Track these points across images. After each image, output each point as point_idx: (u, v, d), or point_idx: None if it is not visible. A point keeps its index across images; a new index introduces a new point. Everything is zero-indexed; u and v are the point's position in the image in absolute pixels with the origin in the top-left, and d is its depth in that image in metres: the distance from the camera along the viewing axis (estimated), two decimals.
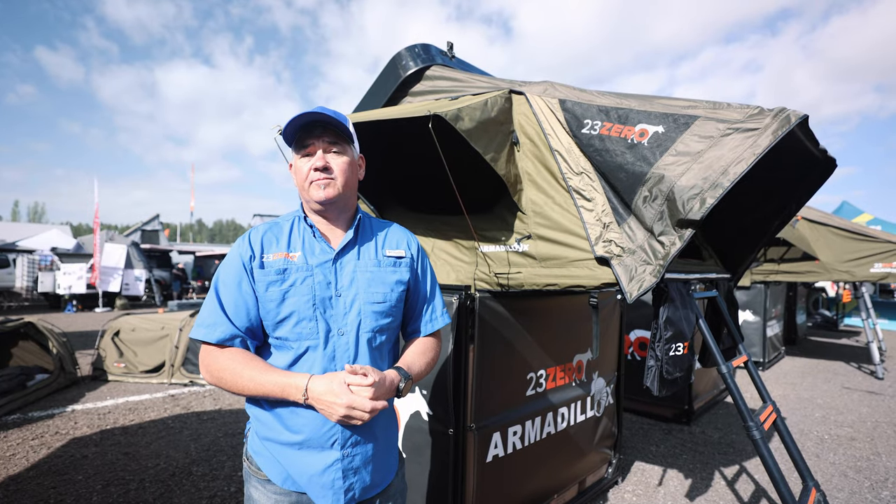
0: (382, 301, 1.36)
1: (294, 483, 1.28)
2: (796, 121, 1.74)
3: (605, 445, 3.46)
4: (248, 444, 1.38)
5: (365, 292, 1.34)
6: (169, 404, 5.32)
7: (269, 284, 1.28)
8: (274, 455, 1.29)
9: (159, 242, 21.03)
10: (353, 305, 1.32)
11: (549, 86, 2.31)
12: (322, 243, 1.35)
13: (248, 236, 1.35)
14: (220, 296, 1.29)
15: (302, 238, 1.36)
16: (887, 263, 6.91)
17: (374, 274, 1.37)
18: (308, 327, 1.27)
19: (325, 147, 1.33)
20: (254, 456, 1.34)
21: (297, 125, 1.31)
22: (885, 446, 4.58)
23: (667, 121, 1.93)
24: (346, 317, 1.31)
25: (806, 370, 7.94)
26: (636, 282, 1.89)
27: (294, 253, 1.32)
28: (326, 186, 1.31)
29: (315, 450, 1.27)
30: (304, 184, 1.33)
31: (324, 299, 1.30)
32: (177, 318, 6.52)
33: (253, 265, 1.30)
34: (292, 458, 1.28)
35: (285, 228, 1.37)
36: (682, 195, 1.80)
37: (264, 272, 1.29)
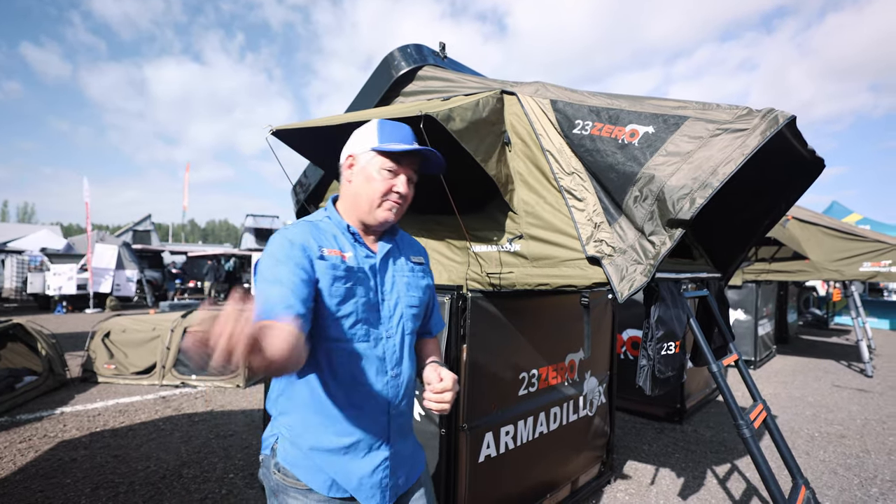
0: (418, 305, 1.41)
1: (340, 489, 1.26)
2: (784, 121, 1.75)
3: (598, 445, 3.47)
4: (278, 458, 1.29)
5: (405, 296, 1.38)
6: (160, 406, 5.28)
7: (335, 279, 1.24)
8: (318, 463, 1.26)
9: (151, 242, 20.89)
10: (395, 309, 1.35)
11: (540, 86, 2.32)
12: (366, 249, 1.36)
13: (293, 231, 1.28)
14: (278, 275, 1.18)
15: (347, 241, 1.34)
16: (876, 262, 6.99)
17: (409, 279, 1.41)
18: (363, 329, 1.28)
19: (410, 174, 1.35)
20: (290, 467, 1.27)
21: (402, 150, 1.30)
22: (874, 444, 4.63)
23: (657, 121, 1.94)
24: (391, 320, 1.34)
25: (797, 368, 8.01)
26: (627, 281, 1.89)
27: (346, 253, 1.30)
28: (396, 212, 1.34)
29: (364, 451, 1.28)
30: (377, 198, 1.31)
31: (375, 302, 1.32)
32: (168, 319, 6.47)
33: (313, 255, 1.24)
34: (340, 463, 1.26)
35: (326, 230, 1.34)
36: (672, 195, 1.80)
37: (327, 265, 1.25)
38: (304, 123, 2.40)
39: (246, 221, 21.22)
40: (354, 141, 1.37)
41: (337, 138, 2.50)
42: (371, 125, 1.36)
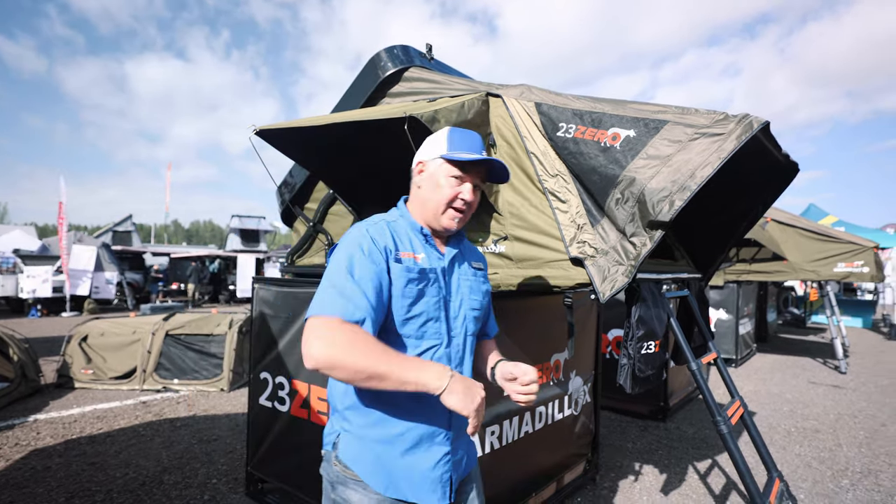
0: (479, 308, 1.46)
1: (398, 490, 1.28)
2: (758, 127, 1.81)
3: (583, 443, 3.51)
4: (339, 452, 1.32)
5: (468, 299, 1.42)
6: (140, 411, 5.18)
7: (409, 281, 1.29)
8: (379, 459, 1.28)
9: (132, 244, 20.51)
10: (460, 310, 1.40)
11: (525, 89, 2.34)
12: (436, 251, 1.40)
13: (374, 229, 1.32)
14: (360, 274, 1.22)
15: (420, 243, 1.38)
16: (849, 263, 7.20)
17: (472, 283, 1.46)
18: (434, 328, 1.33)
19: (476, 182, 1.38)
20: (350, 463, 1.30)
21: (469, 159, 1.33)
22: (846, 437, 4.77)
23: (638, 125, 1.98)
24: (457, 321, 1.38)
25: (776, 366, 8.19)
26: (609, 282, 1.93)
27: (419, 255, 1.35)
28: (460, 220, 1.38)
29: (427, 445, 1.30)
30: (443, 205, 1.35)
31: (445, 303, 1.36)
32: (149, 321, 6.37)
33: (390, 257, 1.29)
34: (402, 458, 1.28)
35: (401, 231, 1.38)
36: (652, 197, 1.84)
37: (403, 268, 1.29)
38: (289, 123, 2.39)
39: (231, 222, 20.94)
40: (425, 148, 1.42)
41: (322, 139, 2.51)
42: (442, 133, 1.40)
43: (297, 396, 2.92)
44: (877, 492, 3.62)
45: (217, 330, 6.20)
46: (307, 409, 2.84)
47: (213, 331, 6.20)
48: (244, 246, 20.15)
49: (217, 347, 6.18)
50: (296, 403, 2.93)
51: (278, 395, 3.06)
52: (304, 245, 3.36)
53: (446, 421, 1.32)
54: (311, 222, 3.23)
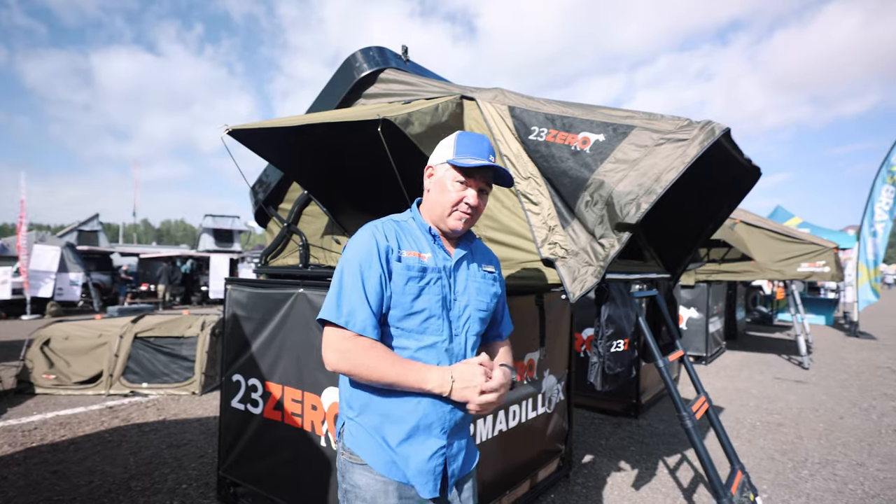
0: (486, 310, 1.51)
1: (399, 472, 1.35)
2: (720, 133, 1.88)
3: (557, 441, 3.57)
4: (345, 440, 1.41)
5: (475, 300, 1.47)
6: (106, 417, 5.04)
7: (410, 279, 1.36)
8: (380, 446, 1.35)
9: (99, 244, 19.89)
10: (465, 310, 1.45)
11: (499, 93, 2.38)
12: (443, 251, 1.46)
13: (381, 228, 1.41)
14: (363, 282, 1.33)
15: (427, 243, 1.45)
16: (812, 263, 7.48)
17: (480, 285, 1.51)
18: (436, 324, 1.39)
19: (481, 186, 1.45)
20: (355, 448, 1.37)
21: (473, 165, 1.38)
22: (807, 430, 4.97)
23: (607, 130, 2.03)
24: (461, 319, 1.44)
25: (743, 363, 8.46)
26: (579, 282, 1.97)
27: (425, 254, 1.41)
28: (466, 222, 1.44)
29: (423, 437, 1.35)
30: (448, 207, 1.41)
31: (449, 300, 1.42)
32: (117, 324, 6.18)
33: (391, 258, 1.37)
34: (400, 447, 1.34)
35: (410, 230, 1.46)
36: (619, 200, 1.89)
37: (404, 267, 1.36)
38: (263, 124, 2.37)
39: (204, 222, 20.48)
40: (436, 152, 1.49)
41: (296, 139, 2.49)
42: (451, 138, 1.46)
43: (271, 398, 2.89)
44: (833, 481, 3.78)
45: (188, 332, 6.07)
46: (280, 411, 2.82)
47: (185, 333, 6.07)
48: (217, 246, 19.75)
49: (188, 350, 6.05)
50: (269, 405, 2.90)
51: (251, 397, 3.03)
52: (278, 246, 3.33)
53: (444, 417, 1.37)
54: (286, 223, 3.20)
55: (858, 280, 11.62)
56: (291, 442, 2.75)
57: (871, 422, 5.27)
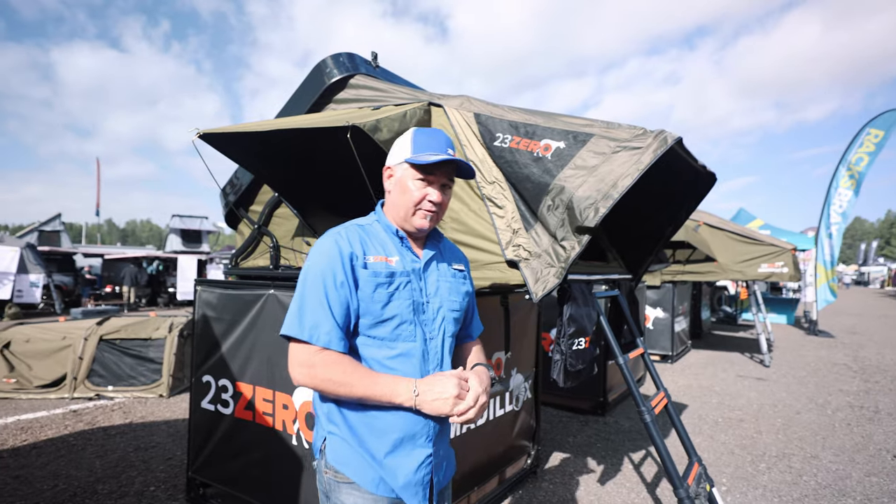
0: (459, 309, 1.47)
1: (387, 488, 1.30)
2: (672, 141, 1.99)
3: (524, 438, 3.66)
4: (327, 457, 1.34)
5: (447, 300, 1.43)
6: (70, 420, 4.92)
7: (378, 286, 1.30)
8: (366, 460, 1.30)
9: (61, 244, 19.25)
10: (438, 312, 1.40)
11: (465, 100, 2.45)
12: (411, 253, 1.42)
13: (344, 234, 1.35)
14: (326, 292, 1.27)
15: (393, 245, 1.40)
16: (771, 264, 7.80)
17: (451, 284, 1.47)
18: (408, 330, 1.34)
19: (444, 182, 1.39)
20: (339, 466, 1.31)
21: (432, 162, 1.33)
22: (766, 425, 5.18)
23: (567, 137, 2.12)
24: (434, 322, 1.39)
25: (708, 361, 8.74)
26: (541, 283, 2.06)
27: (392, 258, 1.36)
28: (431, 220, 1.39)
29: (409, 448, 1.31)
30: (411, 207, 1.36)
31: (420, 304, 1.37)
32: (81, 326, 6.04)
33: (356, 265, 1.30)
34: (386, 461, 1.30)
35: (375, 234, 1.40)
36: (579, 205, 1.98)
37: (370, 273, 1.31)
38: (234, 128, 2.39)
39: (172, 222, 20.02)
40: (392, 152, 1.43)
41: (266, 143, 2.52)
42: (407, 136, 1.40)
43: (242, 398, 2.90)
44: (788, 473, 3.97)
45: (156, 334, 5.97)
46: (252, 411, 2.83)
47: (152, 335, 5.97)
48: (185, 247, 19.35)
49: (156, 352, 5.96)
50: (240, 405, 2.91)
51: (221, 398, 3.03)
52: (249, 247, 3.33)
53: (427, 425, 1.33)
54: (256, 224, 3.21)
55: (817, 280, 12.12)
56: (263, 441, 2.77)
57: (826, 416, 5.51)
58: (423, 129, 1.43)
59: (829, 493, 3.61)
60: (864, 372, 7.85)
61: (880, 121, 11.46)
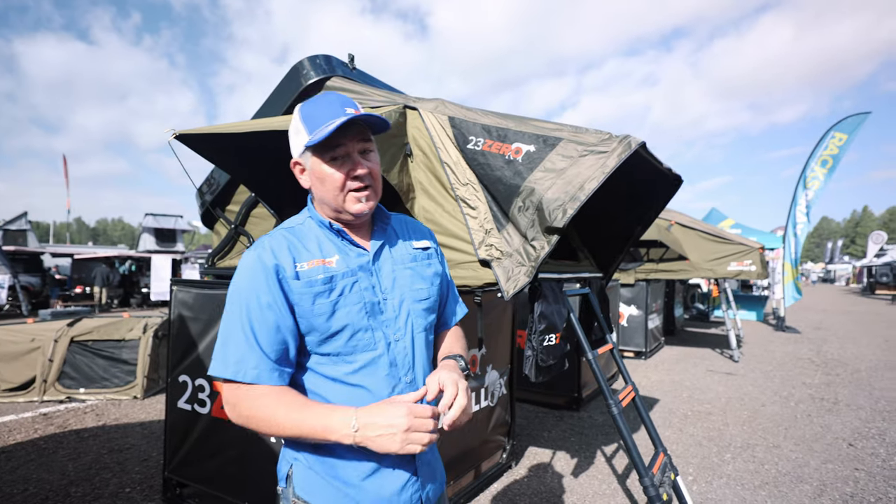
0: (427, 297, 1.27)
1: None
2: (636, 146, 2.08)
3: (500, 433, 3.75)
4: (295, 488, 1.16)
5: (409, 291, 1.23)
6: (41, 424, 4.83)
7: (316, 296, 1.10)
8: (340, 491, 1.13)
9: (27, 244, 18.69)
10: (401, 307, 1.21)
11: (440, 103, 2.51)
12: (355, 247, 1.21)
13: (267, 245, 1.14)
14: (250, 320, 1.07)
15: (331, 242, 1.19)
16: (740, 262, 8.06)
17: (413, 270, 1.26)
18: (365, 338, 1.15)
19: (361, 147, 1.15)
20: (310, 498, 1.14)
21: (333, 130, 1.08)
22: (733, 418, 5.38)
23: (538, 141, 2.20)
24: (398, 320, 1.20)
25: (680, 357, 8.98)
26: (512, 281, 2.13)
27: (330, 258, 1.16)
28: (368, 198, 1.17)
29: (390, 469, 1.14)
30: (338, 193, 1.14)
31: (374, 305, 1.17)
32: (51, 328, 5.91)
33: (285, 276, 1.10)
34: (365, 487, 1.13)
35: (307, 233, 1.20)
36: (548, 206, 2.06)
37: (304, 284, 1.11)
38: (210, 129, 2.41)
39: (145, 221, 19.64)
40: (291, 144, 1.19)
41: (241, 144, 2.54)
42: (296, 119, 1.16)
43: (219, 398, 2.92)
44: (752, 462, 4.14)
45: (130, 335, 5.89)
46: None
47: (126, 336, 5.89)
48: (159, 246, 19.01)
49: (130, 353, 5.88)
50: (217, 405, 2.93)
51: (198, 397, 3.03)
52: (226, 247, 3.34)
53: None
54: (233, 224, 3.22)
55: (784, 278, 12.53)
56: (239, 440, 2.79)
57: (789, 408, 5.74)
58: (309, 100, 1.19)
59: (788, 480, 3.78)
60: (826, 365, 8.18)
61: (845, 125, 11.88)
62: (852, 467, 4.02)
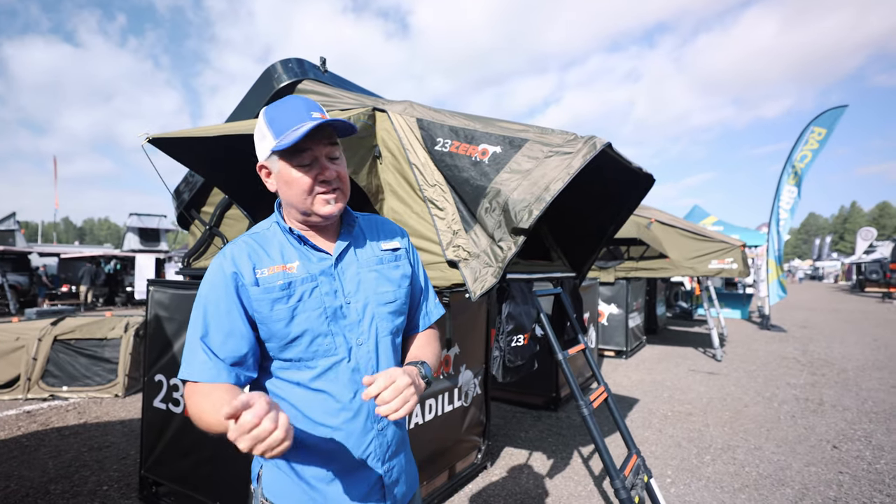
0: (393, 300, 1.26)
1: None
2: (601, 146, 2.12)
3: (474, 433, 3.78)
4: (263, 489, 1.19)
5: (374, 294, 1.23)
6: (24, 422, 4.83)
7: (275, 302, 1.12)
8: (307, 494, 1.15)
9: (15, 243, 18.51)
10: (365, 311, 1.21)
11: (408, 105, 2.54)
12: (316, 251, 1.21)
13: (228, 254, 1.15)
14: (207, 328, 1.10)
15: (293, 247, 1.20)
16: (721, 260, 8.08)
17: (378, 273, 1.26)
18: (325, 343, 1.15)
19: (328, 151, 1.16)
20: (276, 499, 1.17)
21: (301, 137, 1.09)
22: (714, 419, 5.37)
23: (504, 142, 2.23)
24: (361, 324, 1.20)
25: (661, 356, 8.98)
26: (479, 282, 2.16)
27: (291, 264, 1.16)
28: (336, 199, 1.17)
29: (355, 474, 1.17)
30: (306, 198, 1.15)
31: (335, 310, 1.17)
32: (35, 327, 5.90)
33: (244, 283, 1.12)
34: (330, 492, 1.15)
35: (271, 239, 1.20)
36: (514, 207, 2.10)
37: (262, 290, 1.12)
38: (182, 133, 2.42)
39: (129, 220, 19.49)
40: (258, 148, 1.20)
41: (213, 147, 2.55)
42: (261, 123, 1.17)
43: None
44: (732, 464, 4.11)
45: (112, 334, 5.89)
46: None
47: (108, 335, 5.88)
48: (143, 245, 18.90)
49: (112, 352, 5.88)
50: None
51: (173, 396, 3.05)
52: (201, 248, 3.36)
53: (371, 446, 1.19)
54: (208, 226, 3.24)
55: (769, 276, 12.60)
56: (211, 439, 2.79)
57: (772, 409, 5.70)
58: (274, 104, 1.19)
59: (769, 483, 3.74)
60: (812, 365, 8.13)
61: (823, 119, 11.90)
62: (836, 470, 3.97)
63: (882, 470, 4.03)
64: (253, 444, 0.84)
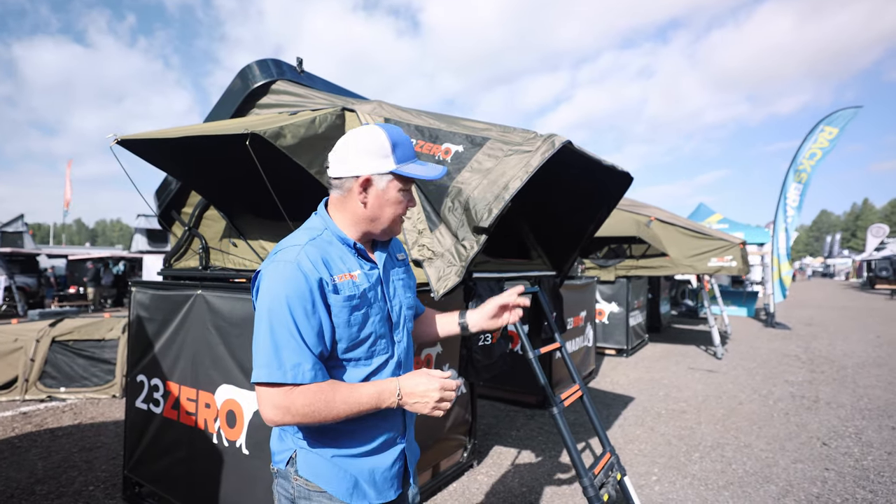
0: (414, 304, 1.49)
1: (362, 495, 1.29)
2: (560, 144, 2.10)
3: (460, 432, 3.77)
4: (298, 468, 1.29)
5: (404, 298, 1.42)
6: (19, 423, 4.90)
7: (353, 310, 1.24)
8: (342, 468, 1.28)
9: (24, 245, 18.78)
10: (400, 313, 1.40)
11: (377, 105, 2.54)
12: (368, 262, 1.35)
13: (305, 258, 1.21)
14: (299, 329, 1.17)
15: (351, 257, 1.31)
16: (720, 258, 8.02)
17: (405, 281, 1.45)
18: (382, 344, 1.32)
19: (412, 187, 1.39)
20: (312, 478, 1.28)
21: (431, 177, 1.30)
22: (707, 416, 5.35)
23: (466, 141, 2.23)
24: (399, 325, 1.39)
25: (662, 355, 8.93)
26: (443, 281, 2.16)
27: (354, 272, 1.28)
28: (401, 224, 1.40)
29: (386, 448, 1.33)
30: (394, 216, 1.32)
31: (388, 314, 1.35)
32: (33, 328, 5.98)
33: (327, 291, 1.21)
34: (363, 464, 1.30)
35: (328, 247, 1.28)
36: (475, 206, 2.09)
37: (341, 297, 1.23)
38: (151, 134, 2.43)
39: (137, 222, 19.70)
40: (364, 160, 1.25)
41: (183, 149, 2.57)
42: (381, 140, 1.25)
43: (170, 397, 2.96)
44: (719, 461, 4.11)
45: (109, 335, 5.95)
46: (177, 410, 2.89)
47: (105, 335, 5.95)
48: (151, 246, 19.09)
49: (110, 353, 5.94)
50: (168, 404, 2.96)
51: (153, 397, 3.08)
52: (181, 248, 3.39)
53: (400, 423, 1.37)
54: (187, 226, 3.27)
55: (773, 274, 12.48)
56: (186, 440, 2.82)
57: (766, 406, 5.68)
58: (390, 128, 1.30)
59: (754, 480, 3.74)
60: (812, 362, 8.08)
61: (835, 118, 11.80)
62: (822, 467, 3.97)
63: (868, 466, 4.01)
64: (448, 400, 1.22)
